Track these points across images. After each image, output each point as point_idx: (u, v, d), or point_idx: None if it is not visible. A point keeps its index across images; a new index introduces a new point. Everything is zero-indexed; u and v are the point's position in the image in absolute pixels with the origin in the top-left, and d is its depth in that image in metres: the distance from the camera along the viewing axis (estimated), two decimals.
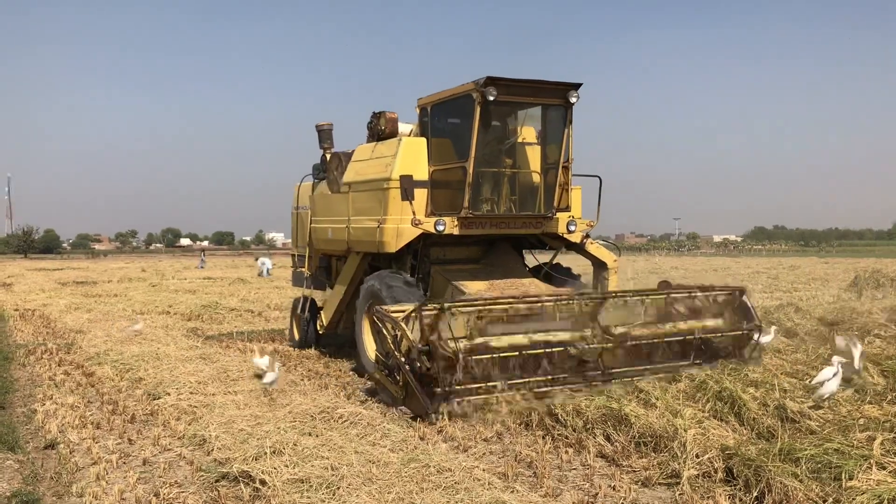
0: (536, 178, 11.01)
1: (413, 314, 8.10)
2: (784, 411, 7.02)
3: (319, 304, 13.29)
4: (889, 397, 7.54)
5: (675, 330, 9.25)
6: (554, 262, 12.08)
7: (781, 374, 8.51)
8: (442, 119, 10.83)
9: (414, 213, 10.09)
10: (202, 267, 46.65)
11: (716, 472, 5.90)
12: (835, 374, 7.35)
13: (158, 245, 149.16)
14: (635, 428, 6.81)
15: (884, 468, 5.43)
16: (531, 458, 6.61)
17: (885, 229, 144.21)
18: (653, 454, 6.44)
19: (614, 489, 5.85)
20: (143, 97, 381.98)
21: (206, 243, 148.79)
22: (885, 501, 4.91)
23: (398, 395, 8.22)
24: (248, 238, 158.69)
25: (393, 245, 10.33)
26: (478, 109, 9.76)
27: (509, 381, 8.17)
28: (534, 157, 11.03)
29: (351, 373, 11.00)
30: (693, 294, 9.70)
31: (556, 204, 10.83)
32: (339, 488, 5.51)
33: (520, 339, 8.41)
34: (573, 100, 10.23)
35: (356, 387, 9.95)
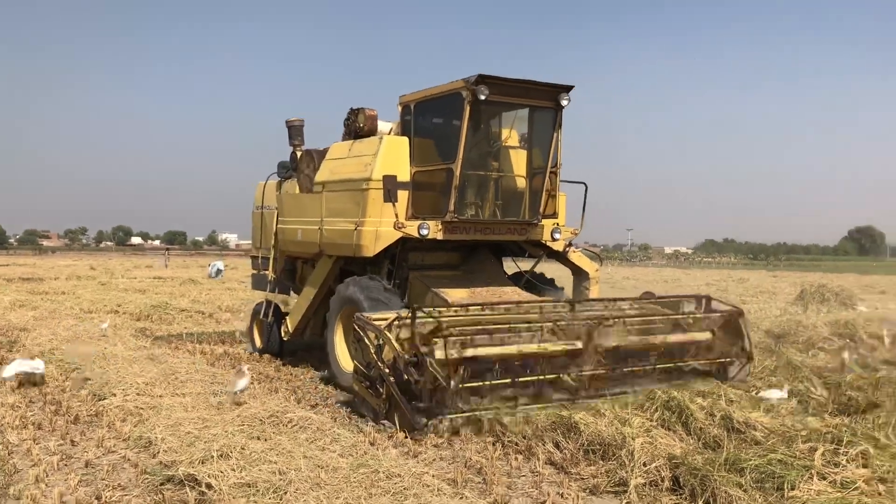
0: (522, 182, 10.73)
1: (397, 322, 7.78)
2: (730, 422, 7.13)
3: (284, 308, 12.78)
4: (831, 409, 7.71)
5: (665, 343, 9.04)
6: (529, 271, 11.76)
7: (728, 384, 8.65)
8: (426, 118, 10.42)
9: (396, 215, 9.69)
10: (166, 266, 46.76)
11: (662, 480, 5.97)
12: None
13: (109, 243, 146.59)
14: (584, 436, 6.85)
15: (824, 478, 5.55)
16: (481, 464, 6.62)
17: (831, 245, 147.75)
18: (601, 462, 6.49)
19: (562, 496, 5.89)
20: (94, 91, 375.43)
21: (157, 242, 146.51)
22: None
23: (380, 408, 7.87)
24: (200, 238, 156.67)
25: (371, 249, 9.91)
26: (467, 109, 9.42)
27: (503, 396, 7.88)
28: (519, 161, 10.74)
29: (301, 377, 10.91)
30: (689, 314, 9.58)
31: (541, 210, 10.56)
32: (286, 493, 5.45)
33: (511, 350, 8.14)
34: (564, 102, 9.98)
35: (306, 391, 9.88)
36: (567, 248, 11.22)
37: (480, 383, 7.84)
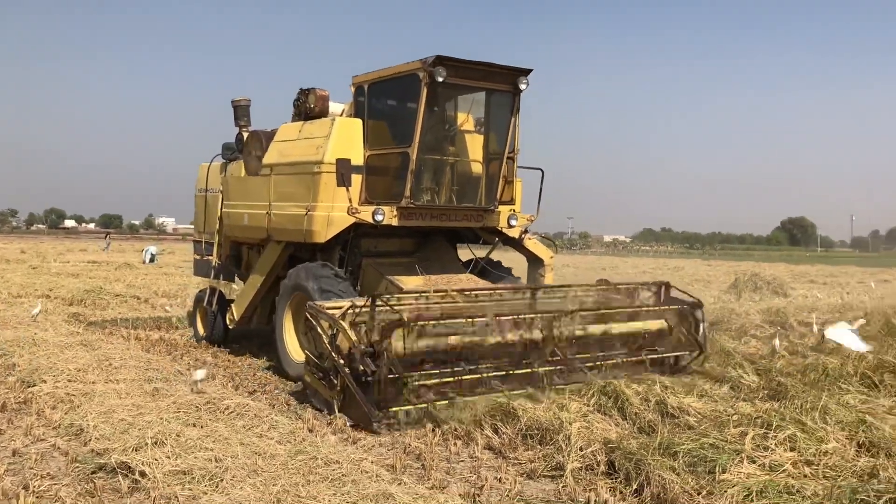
0: (478, 168, 10.51)
1: (351, 311, 7.53)
2: (665, 407, 7.27)
3: (229, 296, 12.48)
4: (761, 395, 7.92)
5: (625, 331, 9.04)
6: (485, 258, 11.55)
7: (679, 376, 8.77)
8: (381, 99, 10.12)
9: (350, 200, 9.39)
10: (107, 250, 45.47)
11: (598, 464, 6.05)
12: None
13: (41, 226, 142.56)
14: (522, 421, 6.91)
15: (754, 462, 5.70)
16: (420, 450, 6.63)
17: (763, 235, 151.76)
18: (539, 447, 6.56)
19: (500, 481, 5.93)
20: (23, 62, 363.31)
21: (92, 226, 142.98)
22: (754, 493, 5.16)
23: (334, 400, 7.60)
24: (137, 222, 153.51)
25: (322, 234, 9.59)
26: (424, 91, 9.16)
27: (466, 386, 7.70)
28: (475, 146, 10.50)
29: (239, 364, 10.77)
30: (650, 307, 9.50)
31: (498, 196, 10.37)
32: (222, 480, 5.39)
33: (474, 339, 7.95)
34: (523, 86, 9.77)
35: (244, 378, 9.77)
36: (523, 235, 11.06)
37: (438, 375, 7.67)
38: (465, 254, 11.69)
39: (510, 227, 10.70)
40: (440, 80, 9.06)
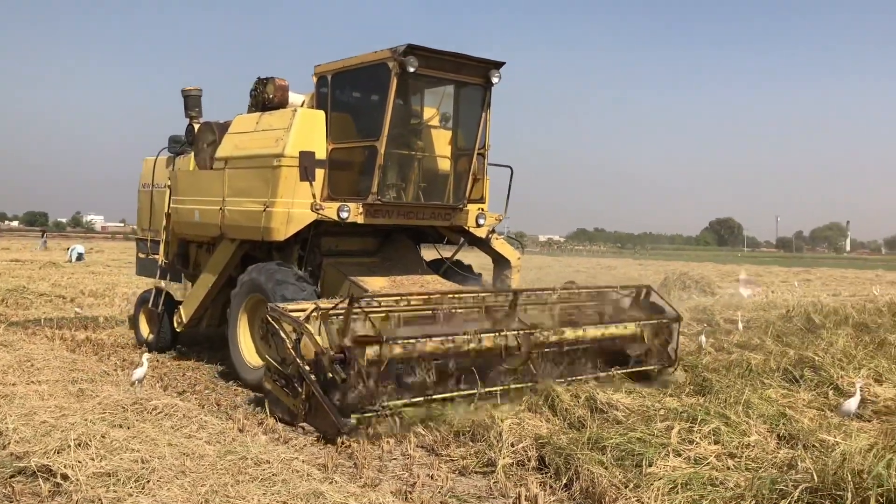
0: (446, 164, 10.07)
1: (315, 314, 7.16)
2: (594, 403, 7.39)
3: (177, 297, 11.75)
4: (688, 390, 8.11)
5: (599, 335, 8.76)
6: (450, 258, 11.10)
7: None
8: (346, 90, 9.66)
9: (314, 196, 8.90)
10: (44, 248, 44.04)
11: (529, 460, 6.14)
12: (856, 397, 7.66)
13: None
14: (455, 420, 6.97)
15: (680, 455, 5.85)
16: (352, 448, 6.62)
17: (693, 235, 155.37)
18: (471, 444, 6.61)
19: (432, 478, 5.96)
20: None
21: (15, 223, 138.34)
22: (679, 486, 5.28)
23: (298, 409, 7.15)
24: (63, 220, 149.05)
25: (281, 232, 9.08)
26: (394, 81, 8.74)
27: (442, 394, 7.39)
28: (442, 141, 10.07)
29: (168, 364, 10.55)
30: (631, 319, 9.15)
31: (466, 194, 9.94)
32: (148, 481, 5.28)
33: (443, 343, 7.54)
34: (495, 80, 9.44)
35: (173, 378, 9.58)
36: (490, 235, 10.67)
37: (410, 394, 7.29)
38: (427, 254, 11.32)
39: (478, 226, 10.34)
40: (411, 70, 8.67)
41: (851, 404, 7.52)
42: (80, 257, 33.16)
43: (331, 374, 6.79)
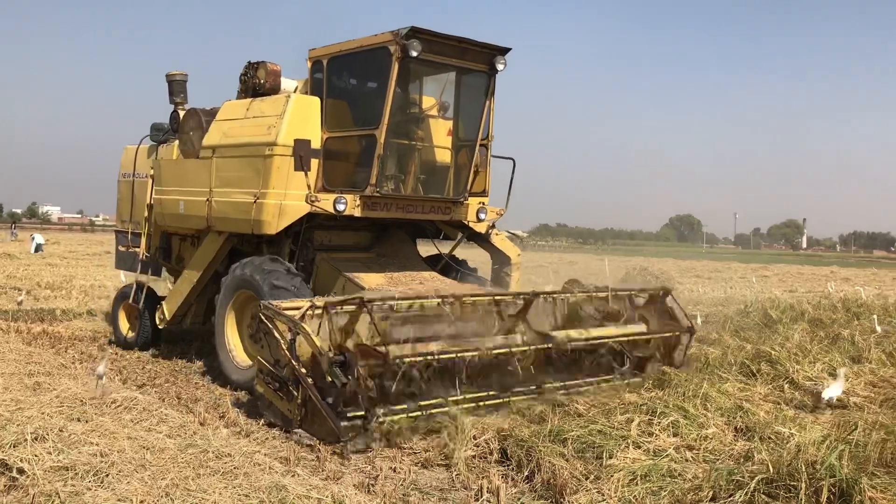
0: (446, 156, 9.62)
1: (310, 312, 6.79)
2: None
3: (159, 292, 11.26)
4: (647, 385, 8.22)
5: (609, 334, 8.42)
6: (449, 254, 10.62)
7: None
8: (343, 76, 9.18)
9: (309, 187, 8.52)
10: (14, 238, 43.43)
11: (491, 452, 6.18)
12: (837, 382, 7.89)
13: None
14: None
15: (639, 447, 5.94)
16: (315, 441, 6.60)
17: (653, 231, 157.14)
18: (433, 437, 6.63)
19: (395, 471, 5.98)
20: None
21: None
22: (639, 477, 5.36)
23: (293, 414, 6.71)
24: (18, 210, 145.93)
25: (273, 225, 8.62)
26: (395, 66, 8.29)
27: (451, 398, 7.01)
28: (441, 131, 9.61)
29: (128, 357, 10.42)
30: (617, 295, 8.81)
31: (468, 187, 9.51)
32: (108, 475, 5.21)
33: (446, 345, 7.15)
34: (500, 66, 9.01)
35: (133, 371, 9.47)
36: (490, 231, 10.23)
37: (412, 407, 6.86)
38: (423, 249, 10.78)
39: (479, 221, 9.88)
40: (414, 54, 8.22)
41: (836, 389, 7.78)
42: (38, 248, 32.61)
43: (330, 378, 6.39)
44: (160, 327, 10.73)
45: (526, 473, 5.76)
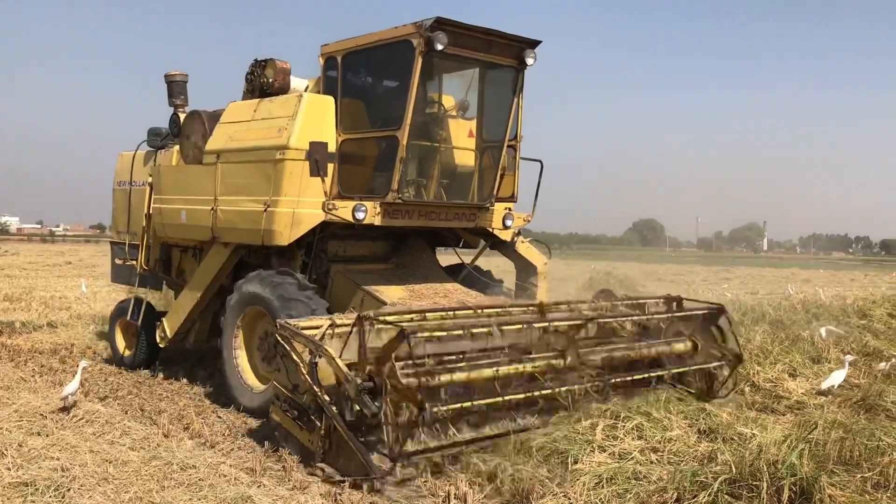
0: (470, 158, 8.97)
1: (329, 331, 6.25)
2: None
3: (158, 307, 10.58)
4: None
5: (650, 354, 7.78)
6: (467, 264, 9.96)
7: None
8: (359, 73, 8.60)
9: (326, 193, 7.93)
10: None
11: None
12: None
13: None
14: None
15: (604, 451, 5.98)
16: (281, 452, 6.55)
17: (617, 236, 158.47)
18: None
19: (359, 486, 5.95)
20: None
21: None
22: (604, 480, 5.41)
23: (315, 447, 6.05)
24: None
25: (285, 236, 8.00)
26: (419, 61, 7.68)
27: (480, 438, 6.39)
28: (462, 131, 8.99)
29: (90, 369, 10.22)
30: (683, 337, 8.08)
31: (494, 192, 8.90)
32: (69, 490, 5.15)
33: (487, 370, 6.48)
34: (530, 61, 8.37)
35: (94, 383, 9.30)
36: (515, 238, 9.59)
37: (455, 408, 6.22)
38: (446, 259, 10.13)
39: (504, 228, 9.23)
40: (439, 48, 7.58)
41: (838, 376, 8.15)
42: None
43: (357, 407, 5.79)
44: (161, 346, 9.95)
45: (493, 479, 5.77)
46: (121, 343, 10.61)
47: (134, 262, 10.46)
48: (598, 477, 5.45)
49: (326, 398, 5.93)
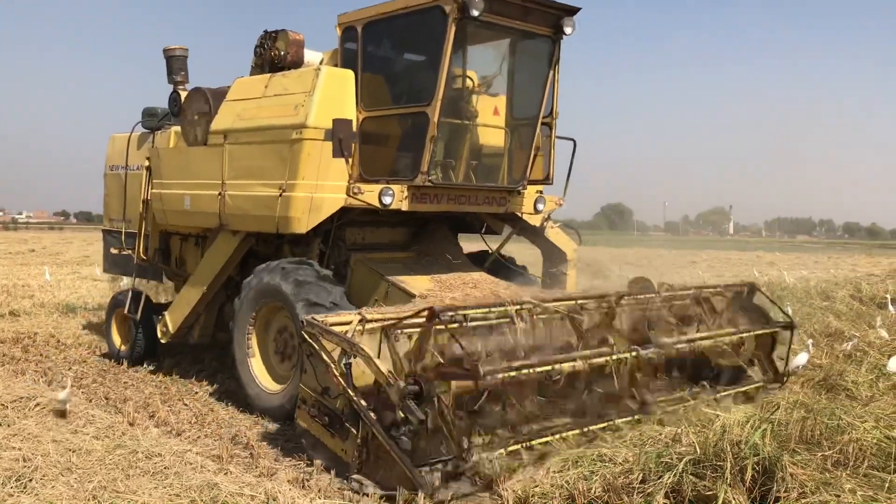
0: (498, 137, 8.35)
1: (359, 327, 5.70)
2: None
3: (156, 300, 10.09)
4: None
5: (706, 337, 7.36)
6: (493, 251, 9.40)
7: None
8: (382, 44, 7.92)
9: (351, 176, 7.43)
10: None
11: None
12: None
13: None
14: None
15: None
16: (248, 438, 6.54)
17: (586, 220, 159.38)
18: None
19: (329, 469, 5.94)
20: None
21: None
22: (570, 463, 5.46)
23: (350, 457, 5.47)
24: None
25: (304, 222, 7.41)
26: (451, 29, 7.04)
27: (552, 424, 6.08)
28: (487, 108, 8.33)
29: (53, 358, 10.07)
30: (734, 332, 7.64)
31: (527, 174, 8.30)
32: (31, 480, 5.06)
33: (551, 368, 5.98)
34: (568, 30, 7.74)
35: (58, 373, 9.17)
36: (545, 223, 9.06)
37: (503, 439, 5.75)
38: (468, 245, 9.54)
39: (536, 212, 8.64)
40: (475, 13, 6.95)
41: (802, 359, 8.26)
42: None
43: (403, 414, 5.21)
44: (163, 341, 9.34)
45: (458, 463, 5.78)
46: (117, 337, 10.13)
47: (131, 252, 9.86)
48: (564, 460, 5.50)
49: (363, 403, 5.38)
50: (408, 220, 8.68)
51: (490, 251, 9.31)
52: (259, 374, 7.77)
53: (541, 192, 8.59)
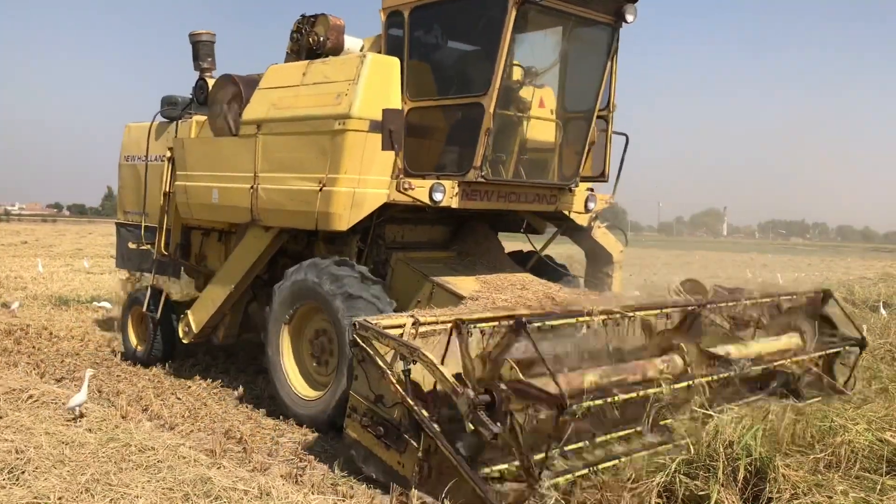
0: (549, 131, 7.91)
1: (412, 331, 5.32)
2: None
3: (178, 297, 9.54)
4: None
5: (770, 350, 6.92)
6: (538, 251, 8.98)
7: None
8: (431, 30, 7.44)
9: (400, 170, 7.00)
10: None
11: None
12: None
13: None
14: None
15: None
16: (241, 433, 6.54)
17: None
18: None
19: (323, 462, 5.96)
20: None
21: None
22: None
23: (407, 471, 5.05)
24: None
25: (345, 219, 6.96)
26: (512, 14, 6.58)
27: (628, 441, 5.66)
28: (534, 100, 7.85)
29: (46, 350, 10.03)
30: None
31: (579, 170, 7.85)
32: (23, 472, 5.07)
33: (598, 376, 5.54)
34: (629, 18, 7.29)
35: (51, 364, 9.14)
36: (591, 223, 8.66)
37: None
38: (510, 245, 9.13)
39: (586, 211, 8.19)
40: None
41: None
42: None
43: (473, 427, 4.73)
44: (185, 342, 8.86)
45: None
46: (133, 336, 9.68)
47: (150, 247, 9.43)
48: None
49: (425, 414, 4.94)
50: (448, 218, 8.27)
51: (535, 251, 8.94)
52: (293, 379, 7.37)
53: (591, 189, 8.17)
